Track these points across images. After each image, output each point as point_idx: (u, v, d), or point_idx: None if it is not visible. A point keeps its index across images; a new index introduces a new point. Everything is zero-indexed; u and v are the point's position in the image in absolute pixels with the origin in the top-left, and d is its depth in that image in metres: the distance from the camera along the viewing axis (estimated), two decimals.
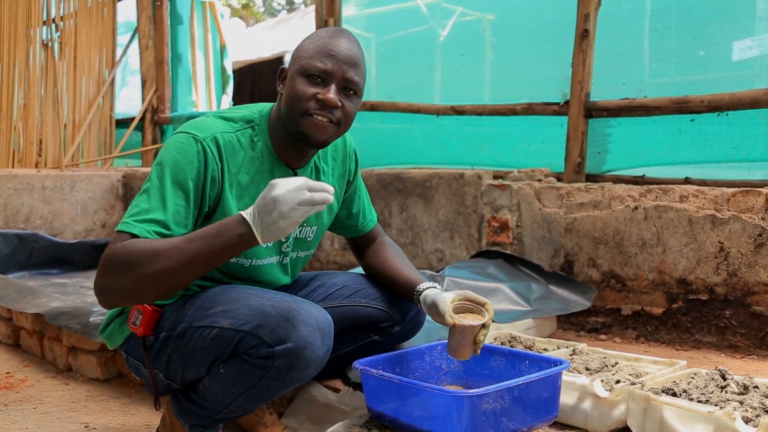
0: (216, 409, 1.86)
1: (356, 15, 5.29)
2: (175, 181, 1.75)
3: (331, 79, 1.81)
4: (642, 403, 1.81)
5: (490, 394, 1.67)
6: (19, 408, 2.53)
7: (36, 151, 5.82)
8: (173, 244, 1.64)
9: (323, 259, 4.24)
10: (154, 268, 1.62)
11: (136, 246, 1.64)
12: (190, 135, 1.80)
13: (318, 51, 1.81)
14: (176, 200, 1.74)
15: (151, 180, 1.76)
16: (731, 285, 2.87)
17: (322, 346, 1.74)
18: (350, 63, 1.83)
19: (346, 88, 1.84)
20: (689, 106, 3.29)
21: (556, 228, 3.31)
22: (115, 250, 1.65)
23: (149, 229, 1.69)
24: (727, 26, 3.39)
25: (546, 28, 4.08)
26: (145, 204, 1.73)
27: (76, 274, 4.52)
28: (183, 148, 1.78)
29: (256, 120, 1.92)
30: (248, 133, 1.89)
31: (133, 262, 1.63)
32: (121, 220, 1.72)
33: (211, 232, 1.64)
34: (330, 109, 1.81)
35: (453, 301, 1.87)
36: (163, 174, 1.75)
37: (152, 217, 1.70)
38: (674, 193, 3.00)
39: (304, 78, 1.81)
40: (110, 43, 6.25)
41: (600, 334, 3.18)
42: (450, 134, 4.39)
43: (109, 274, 1.66)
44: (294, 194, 1.57)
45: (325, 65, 1.80)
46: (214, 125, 1.85)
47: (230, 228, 1.62)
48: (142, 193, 1.76)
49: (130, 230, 1.68)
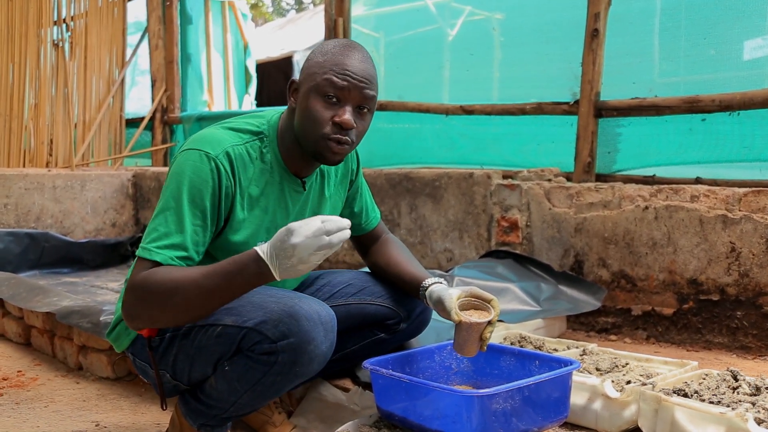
0: (223, 407, 1.87)
1: (365, 14, 5.28)
2: (192, 201, 1.75)
3: (347, 99, 1.79)
4: (653, 403, 1.81)
5: (500, 394, 1.67)
6: (31, 406, 2.54)
7: (47, 150, 5.85)
8: (192, 279, 1.65)
9: (332, 258, 4.24)
10: (175, 302, 1.66)
11: (157, 279, 1.67)
12: (202, 153, 1.78)
13: (332, 69, 1.78)
14: (194, 221, 1.75)
15: (168, 201, 1.76)
16: (743, 285, 2.85)
17: (325, 341, 1.74)
18: (365, 82, 1.80)
19: (361, 107, 1.83)
20: (700, 106, 3.28)
21: (566, 228, 3.30)
22: (139, 281, 1.68)
23: (171, 256, 1.71)
24: (738, 25, 3.37)
25: (555, 28, 4.07)
26: (164, 227, 1.73)
27: (87, 273, 4.54)
28: (197, 166, 1.77)
29: (265, 131, 1.91)
30: (257, 145, 1.88)
31: (154, 296, 1.67)
32: (140, 245, 1.74)
33: (228, 268, 1.65)
34: (346, 131, 1.80)
35: (459, 298, 1.87)
36: (180, 195, 1.75)
37: (172, 242, 1.72)
38: (685, 193, 2.98)
39: (320, 98, 1.79)
40: (120, 43, 6.27)
41: (610, 335, 3.17)
42: (459, 134, 4.38)
43: (135, 304, 1.70)
44: (312, 241, 1.57)
45: (341, 85, 1.77)
46: (224, 139, 1.84)
47: (248, 266, 1.63)
48: (158, 215, 1.76)
49: (153, 258, 1.70)
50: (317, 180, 2.03)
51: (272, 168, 1.90)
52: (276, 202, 1.92)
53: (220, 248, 1.87)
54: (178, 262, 1.71)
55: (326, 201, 2.07)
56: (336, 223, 1.59)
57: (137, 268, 1.71)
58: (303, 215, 1.99)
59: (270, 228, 1.92)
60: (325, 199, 2.06)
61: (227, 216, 1.84)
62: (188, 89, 6.61)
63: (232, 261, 1.65)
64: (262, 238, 1.91)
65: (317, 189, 2.04)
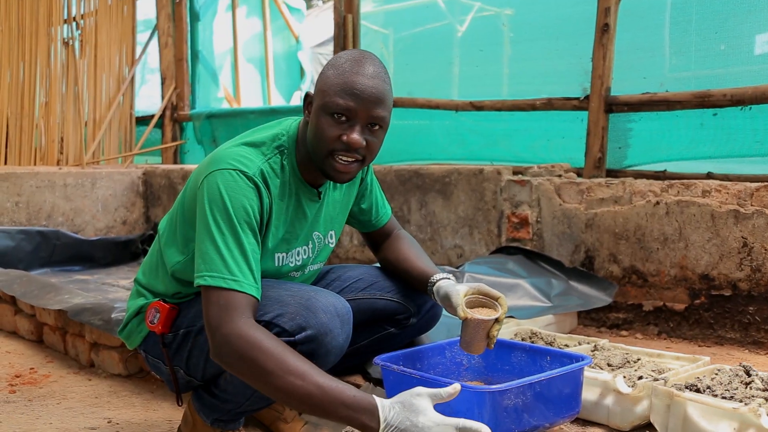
0: (237, 402, 1.87)
1: (374, 11, 5.28)
2: (244, 222, 1.71)
3: (355, 118, 1.77)
4: (665, 399, 1.80)
5: (511, 390, 1.67)
6: (43, 403, 2.55)
7: (57, 148, 5.87)
8: (304, 376, 1.54)
9: (342, 255, 4.25)
10: (277, 384, 1.55)
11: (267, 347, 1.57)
12: (239, 172, 1.75)
13: (342, 88, 1.76)
14: (249, 240, 1.71)
15: (221, 229, 1.70)
16: (755, 280, 2.84)
17: (341, 333, 1.74)
18: (375, 100, 1.77)
19: (372, 124, 1.80)
20: (711, 100, 3.26)
21: (577, 224, 3.29)
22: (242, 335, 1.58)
23: (257, 287, 1.66)
24: (750, 19, 3.35)
25: (565, 23, 4.05)
26: (229, 256, 1.67)
27: (98, 271, 4.56)
28: (239, 187, 1.73)
29: (285, 144, 1.89)
30: (278, 159, 1.87)
31: (258, 365, 1.56)
32: (206, 272, 1.66)
33: (344, 400, 1.53)
34: (355, 150, 1.79)
35: (466, 295, 1.86)
36: (231, 220, 1.70)
37: (248, 268, 1.66)
38: (696, 188, 2.97)
39: (328, 117, 1.77)
40: (130, 41, 6.29)
41: (621, 330, 3.16)
42: (469, 130, 4.37)
43: (232, 357, 1.60)
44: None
45: (349, 105, 1.75)
46: (253, 158, 1.81)
47: (361, 410, 1.52)
48: (215, 240, 1.68)
49: (244, 290, 1.64)
50: (331, 187, 2.03)
51: (290, 180, 1.89)
52: (293, 212, 1.92)
53: None
54: (257, 290, 1.66)
55: (338, 203, 2.07)
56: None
57: (227, 308, 1.62)
58: (317, 222, 1.99)
59: (290, 239, 1.92)
60: (336, 202, 2.06)
61: (265, 232, 1.84)
62: (199, 86, 6.62)
63: (350, 395, 1.54)
64: (282, 249, 1.91)
65: (330, 195, 2.04)
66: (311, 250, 2.01)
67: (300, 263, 1.98)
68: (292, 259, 1.95)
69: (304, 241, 1.97)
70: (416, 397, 1.53)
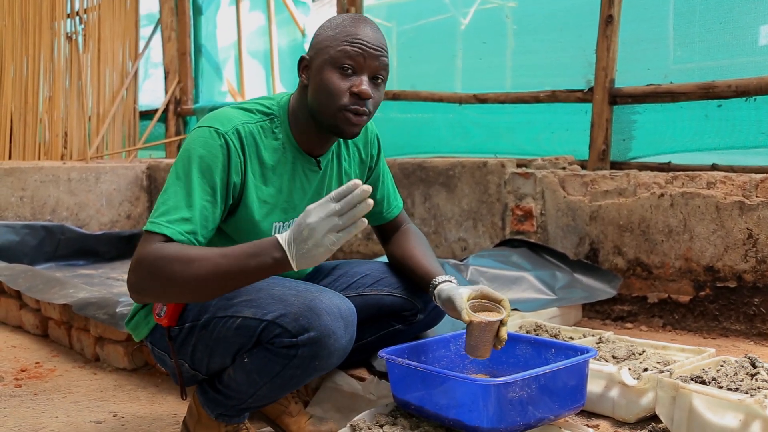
0: (241, 398, 1.87)
1: (377, 4, 5.27)
2: (202, 176, 1.74)
3: (363, 69, 1.79)
4: (671, 391, 1.80)
5: (516, 383, 1.67)
6: (49, 397, 2.56)
7: (61, 143, 5.88)
8: (207, 257, 1.63)
9: (346, 248, 4.25)
10: (186, 277, 1.62)
11: (169, 252, 1.64)
12: (212, 129, 1.79)
13: (345, 41, 1.78)
14: (203, 196, 1.74)
15: (177, 176, 1.75)
16: (760, 272, 2.83)
17: (345, 335, 1.73)
18: (380, 50, 1.81)
19: (376, 77, 1.82)
20: (716, 92, 3.25)
21: (581, 216, 3.29)
22: (149, 252, 1.65)
23: (180, 230, 1.69)
24: (754, 9, 3.33)
25: (568, 15, 4.04)
26: (173, 201, 1.72)
27: (102, 265, 4.57)
28: (207, 142, 1.77)
29: (275, 111, 1.91)
30: (268, 125, 1.88)
31: (166, 270, 1.63)
32: (149, 219, 1.72)
33: (247, 251, 1.62)
34: (365, 101, 1.80)
35: (470, 298, 1.85)
36: (189, 170, 1.75)
37: (181, 216, 1.70)
38: (701, 180, 2.96)
39: (335, 70, 1.78)
40: (133, 35, 6.29)
41: (626, 323, 3.16)
42: (472, 123, 4.37)
43: (144, 278, 1.67)
44: (325, 222, 1.54)
45: (357, 55, 1.77)
46: (234, 117, 1.84)
47: (266, 251, 1.60)
48: (168, 189, 1.75)
49: (162, 231, 1.68)
50: (334, 160, 2.02)
51: (284, 147, 1.89)
52: (290, 181, 1.91)
53: (234, 227, 1.87)
54: (186, 237, 1.69)
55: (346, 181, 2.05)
56: (348, 202, 1.53)
57: (146, 242, 1.68)
58: (320, 196, 1.98)
59: (287, 208, 1.92)
60: (345, 180, 2.05)
61: (240, 194, 1.83)
62: (202, 80, 6.62)
63: (251, 245, 1.63)
64: (278, 218, 1.91)
65: (335, 168, 2.03)
66: None
67: None
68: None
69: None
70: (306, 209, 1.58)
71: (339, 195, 1.53)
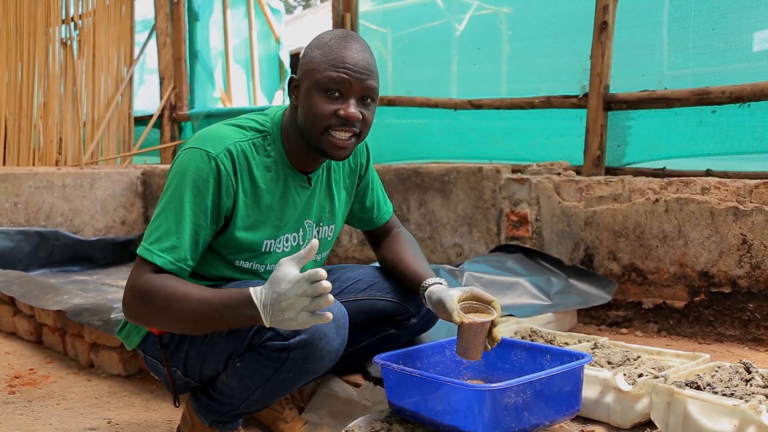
0: (234, 404, 1.87)
1: (372, 10, 5.28)
2: (193, 201, 1.76)
3: (349, 92, 1.79)
4: (665, 396, 1.80)
5: (511, 388, 1.67)
6: (43, 404, 2.55)
7: (56, 149, 5.87)
8: (188, 298, 1.68)
9: (341, 254, 4.24)
10: (167, 315, 1.70)
11: (157, 287, 1.70)
12: (204, 152, 1.79)
13: (332, 64, 1.77)
14: (195, 221, 1.76)
15: (169, 201, 1.77)
16: (754, 278, 2.84)
17: (336, 338, 1.74)
18: (366, 72, 1.79)
19: (364, 98, 1.82)
20: (710, 98, 3.26)
21: (576, 221, 3.29)
22: (142, 284, 1.71)
23: (171, 259, 1.73)
24: (747, 16, 3.35)
25: (563, 20, 4.05)
26: (164, 227, 1.75)
27: (97, 271, 4.56)
28: (198, 166, 1.77)
29: (269, 128, 1.91)
30: (260, 142, 1.88)
31: (153, 303, 1.71)
32: (141, 242, 1.77)
33: (225, 301, 1.65)
34: (352, 123, 1.80)
35: (460, 299, 1.85)
36: (182, 194, 1.76)
37: (171, 244, 1.74)
38: (696, 186, 2.97)
39: (321, 94, 1.78)
40: (128, 41, 6.28)
41: (621, 328, 3.16)
42: (468, 128, 4.37)
43: (136, 304, 1.74)
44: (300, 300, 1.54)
45: (342, 79, 1.77)
46: (227, 136, 1.84)
47: (241, 305, 1.63)
48: (160, 214, 1.77)
49: (154, 261, 1.72)
50: (323, 175, 2.03)
51: (276, 164, 1.89)
52: (281, 198, 1.91)
53: (225, 244, 1.87)
54: (176, 265, 1.74)
55: (334, 196, 2.06)
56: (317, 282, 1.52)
57: (139, 268, 1.74)
58: (310, 210, 1.99)
59: (278, 225, 1.92)
60: (332, 194, 2.06)
61: (231, 214, 1.84)
62: (197, 86, 6.62)
63: (229, 296, 1.65)
64: (269, 235, 1.91)
65: (324, 184, 2.03)
66: (301, 238, 2.00)
67: (289, 250, 1.96)
68: (280, 245, 1.94)
69: (294, 228, 1.97)
70: (278, 268, 1.59)
71: (311, 277, 1.53)
